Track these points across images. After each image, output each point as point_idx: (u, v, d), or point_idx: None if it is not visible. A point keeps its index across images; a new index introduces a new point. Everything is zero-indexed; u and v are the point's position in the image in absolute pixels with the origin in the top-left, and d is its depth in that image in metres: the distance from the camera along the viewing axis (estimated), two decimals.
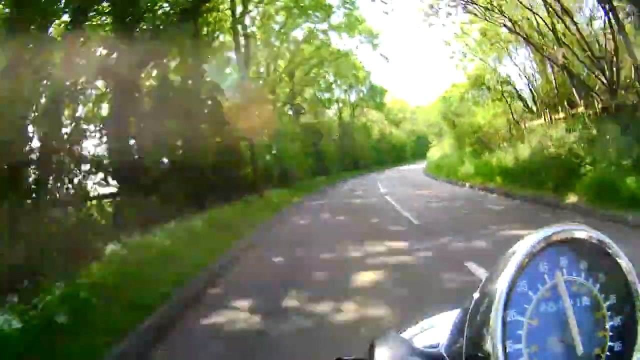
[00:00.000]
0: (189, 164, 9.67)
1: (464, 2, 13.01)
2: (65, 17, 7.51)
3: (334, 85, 34.15)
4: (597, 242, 0.48)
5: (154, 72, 10.33)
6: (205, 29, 12.95)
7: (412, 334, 0.61)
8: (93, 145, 7.78)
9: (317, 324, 3.67)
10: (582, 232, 0.48)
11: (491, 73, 17.36)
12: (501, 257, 0.47)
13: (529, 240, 0.47)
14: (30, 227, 4.87)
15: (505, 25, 12.99)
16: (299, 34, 22.66)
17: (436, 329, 0.59)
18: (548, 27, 11.71)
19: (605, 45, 10.26)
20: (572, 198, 8.14)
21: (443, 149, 26.69)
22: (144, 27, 9.54)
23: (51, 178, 6.08)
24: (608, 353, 0.48)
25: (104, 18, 8.89)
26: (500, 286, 0.45)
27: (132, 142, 9.01)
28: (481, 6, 12.71)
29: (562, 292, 0.47)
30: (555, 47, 11.75)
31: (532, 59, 15.14)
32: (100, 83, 8.49)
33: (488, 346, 0.44)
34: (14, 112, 5.48)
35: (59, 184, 6.16)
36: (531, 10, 11.78)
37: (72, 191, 6.25)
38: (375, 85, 41.04)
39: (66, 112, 7.23)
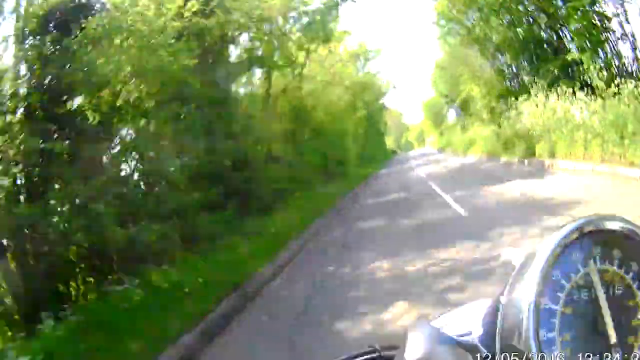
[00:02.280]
0: None
1: None
2: None
3: None
4: (630, 232, 0.48)
5: None
6: None
7: (444, 323, 0.61)
8: None
9: None
10: (614, 223, 0.48)
11: None
12: (534, 247, 0.48)
13: (562, 230, 0.47)
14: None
15: None
16: None
17: (468, 317, 0.59)
18: None
19: None
20: None
21: None
22: None
23: None
24: None
25: None
26: (534, 275, 0.45)
27: None
28: None
29: (594, 281, 0.47)
30: None
31: None
32: None
33: (522, 335, 0.44)
34: None
35: None
36: None
37: None
38: None
39: None
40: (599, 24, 11.40)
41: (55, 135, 4.80)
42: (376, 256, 5.11)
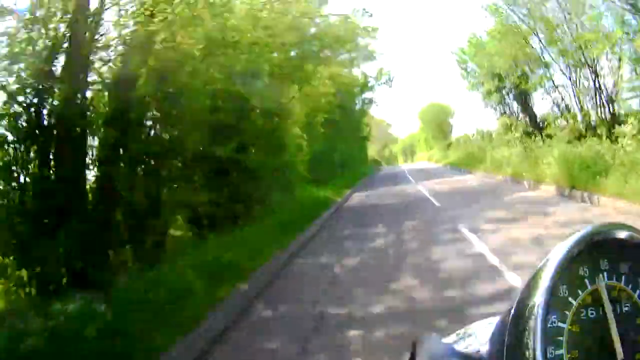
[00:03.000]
0: None
1: None
2: None
3: None
4: (639, 241, 0.47)
5: None
6: None
7: (453, 339, 0.60)
8: None
9: None
10: (623, 232, 0.47)
11: None
12: (541, 260, 0.47)
13: (569, 241, 0.46)
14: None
15: None
16: None
17: (477, 334, 0.58)
18: None
19: None
20: None
21: None
22: None
23: None
24: None
25: None
26: (541, 292, 0.45)
27: None
28: None
29: (603, 298, 0.46)
30: None
31: None
32: None
33: (529, 352, 0.43)
34: None
35: None
36: None
37: None
38: None
39: None
40: None
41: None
42: None
